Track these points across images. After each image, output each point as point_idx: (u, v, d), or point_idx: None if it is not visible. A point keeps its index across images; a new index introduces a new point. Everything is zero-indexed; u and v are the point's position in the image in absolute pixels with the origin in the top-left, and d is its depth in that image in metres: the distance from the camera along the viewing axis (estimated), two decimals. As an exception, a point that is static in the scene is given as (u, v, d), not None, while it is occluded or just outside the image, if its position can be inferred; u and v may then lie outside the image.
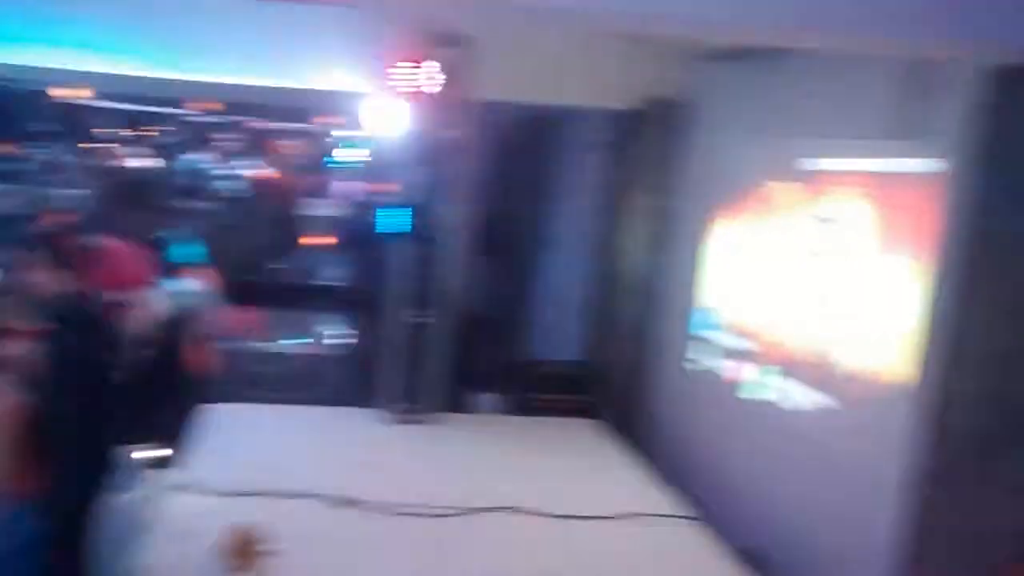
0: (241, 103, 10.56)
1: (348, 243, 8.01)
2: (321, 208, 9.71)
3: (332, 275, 7.50)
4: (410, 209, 4.66)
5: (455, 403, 5.10)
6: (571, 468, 4.28)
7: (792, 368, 3.78)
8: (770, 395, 3.94)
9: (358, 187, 9.54)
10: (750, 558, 3.32)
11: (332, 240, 8.98)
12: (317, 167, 11.75)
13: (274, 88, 5.02)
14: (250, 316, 3.32)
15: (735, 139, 4.41)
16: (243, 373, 5.26)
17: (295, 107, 10.92)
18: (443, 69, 4.26)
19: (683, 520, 3.67)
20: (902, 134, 3.05)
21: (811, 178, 3.76)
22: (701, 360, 4.64)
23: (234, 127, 13.60)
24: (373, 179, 8.31)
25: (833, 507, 3.41)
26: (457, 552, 3.29)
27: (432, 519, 3.47)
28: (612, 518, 3.60)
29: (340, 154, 11.45)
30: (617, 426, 4.89)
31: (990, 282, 2.28)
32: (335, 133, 11.82)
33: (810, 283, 3.72)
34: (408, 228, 4.68)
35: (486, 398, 5.45)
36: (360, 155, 10.27)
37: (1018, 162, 2.35)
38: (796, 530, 3.58)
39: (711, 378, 4.50)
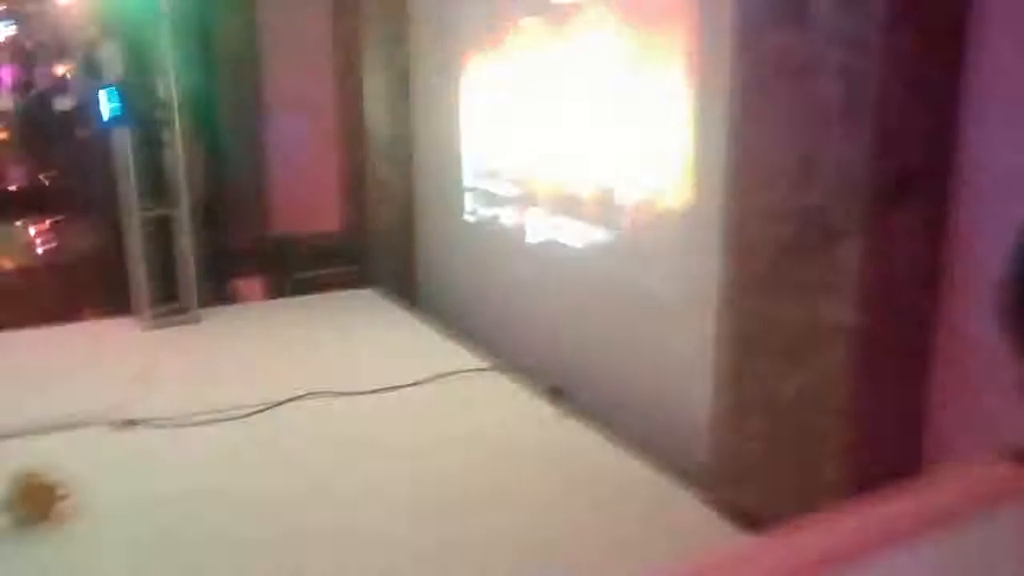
0: None
1: (39, 136, 7.01)
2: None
3: (25, 174, 6.53)
4: (117, 90, 4.09)
5: (215, 295, 4.74)
6: (356, 341, 4.16)
7: (575, 206, 3.72)
8: (556, 236, 3.89)
9: (27, 71, 8.28)
10: (557, 396, 3.40)
11: (10, 134, 7.83)
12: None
13: None
14: None
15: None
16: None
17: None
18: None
19: (484, 372, 3.70)
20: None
21: (563, 8, 3.65)
22: (478, 211, 4.51)
23: None
24: (44, 60, 7.22)
25: (637, 337, 3.42)
26: (273, 451, 3.07)
27: (228, 423, 3.21)
28: (417, 384, 3.54)
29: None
30: (392, 291, 4.78)
31: (763, 98, 2.36)
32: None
33: (578, 117, 3.63)
34: (120, 112, 4.12)
35: (247, 284, 5.10)
36: (20, 32, 8.84)
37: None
38: (603, 366, 3.58)
39: (492, 227, 4.38)
